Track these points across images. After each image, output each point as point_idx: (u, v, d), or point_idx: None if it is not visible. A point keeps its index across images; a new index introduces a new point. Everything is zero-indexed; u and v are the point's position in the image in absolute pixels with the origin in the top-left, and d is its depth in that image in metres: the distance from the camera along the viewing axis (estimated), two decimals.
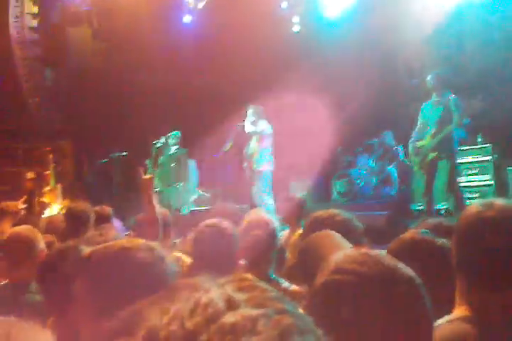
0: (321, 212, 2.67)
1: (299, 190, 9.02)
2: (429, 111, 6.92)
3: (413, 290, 1.13)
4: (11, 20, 11.19)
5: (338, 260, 1.18)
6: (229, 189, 9.82)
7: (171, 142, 9.38)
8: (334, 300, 1.12)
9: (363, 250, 1.23)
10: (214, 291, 0.55)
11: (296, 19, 11.00)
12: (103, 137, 10.58)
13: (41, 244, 3.16)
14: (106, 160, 10.02)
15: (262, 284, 0.59)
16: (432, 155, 6.75)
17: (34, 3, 11.56)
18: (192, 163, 9.72)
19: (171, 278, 1.31)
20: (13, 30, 11.18)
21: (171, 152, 9.41)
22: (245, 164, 8.50)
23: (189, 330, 0.51)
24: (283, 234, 4.48)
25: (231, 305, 0.53)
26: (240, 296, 0.55)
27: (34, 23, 11.52)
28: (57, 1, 11.52)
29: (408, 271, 1.16)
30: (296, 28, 11.02)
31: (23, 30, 11.37)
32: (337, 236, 2.14)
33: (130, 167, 9.80)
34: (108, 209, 4.85)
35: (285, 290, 2.77)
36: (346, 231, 2.30)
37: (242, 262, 2.67)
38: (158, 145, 9.25)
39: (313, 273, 1.21)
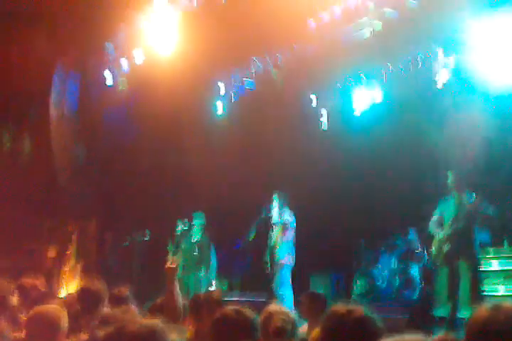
0: (339, 307, 2.59)
1: (319, 284, 8.87)
2: (447, 207, 6.86)
3: None
4: (52, 95, 11.69)
5: None
6: (246, 279, 9.70)
7: (195, 227, 9.38)
8: None
9: None
10: None
11: (324, 116, 11.28)
12: (128, 217, 10.70)
13: (65, 324, 3.14)
14: (128, 243, 10.07)
15: None
16: (447, 247, 6.60)
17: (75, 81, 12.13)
18: (212, 250, 9.67)
19: None
20: (52, 106, 11.64)
21: (195, 239, 9.39)
22: (267, 255, 8.45)
23: None
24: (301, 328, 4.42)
25: None
26: None
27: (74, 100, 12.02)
28: (97, 83, 12.09)
29: None
30: (324, 127, 11.27)
31: (63, 106, 11.84)
32: None
33: (152, 252, 9.87)
34: (126, 291, 4.81)
35: None
36: (363, 330, 2.22)
37: None
38: (181, 230, 9.29)
39: None
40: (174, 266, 3.24)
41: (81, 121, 11.99)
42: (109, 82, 11.42)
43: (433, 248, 6.91)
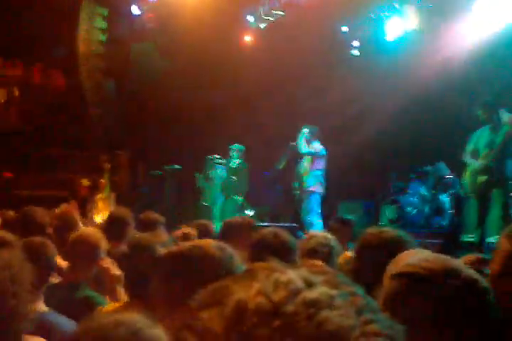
0: (372, 229, 2.62)
1: (348, 212, 8.95)
2: (481, 137, 6.74)
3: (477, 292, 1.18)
4: (81, 33, 11.68)
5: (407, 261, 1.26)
6: (276, 207, 9.83)
7: (234, 155, 9.46)
8: (406, 290, 1.19)
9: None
10: (291, 272, 0.59)
11: (356, 43, 11.04)
12: (160, 150, 10.85)
13: (104, 248, 3.25)
14: (161, 172, 10.24)
15: (332, 270, 0.65)
16: (482, 178, 6.51)
17: (103, 19, 12.04)
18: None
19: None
20: (81, 43, 11.65)
21: (235, 165, 9.48)
22: (296, 183, 8.51)
23: (276, 302, 0.56)
24: None
25: (309, 284, 0.58)
26: (314, 278, 0.59)
27: (102, 37, 11.99)
28: (125, 17, 11.94)
29: (474, 274, 1.21)
30: (355, 52, 11.05)
31: (91, 43, 11.85)
32: None
33: (184, 181, 10.06)
34: (154, 216, 4.86)
35: None
36: (397, 246, 2.24)
37: None
38: (213, 159, 9.39)
39: None
40: None
41: (110, 55, 11.95)
42: (136, 12, 11.27)
43: (466, 178, 6.81)
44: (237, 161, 9.50)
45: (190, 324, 0.59)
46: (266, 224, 7.43)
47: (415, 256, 1.28)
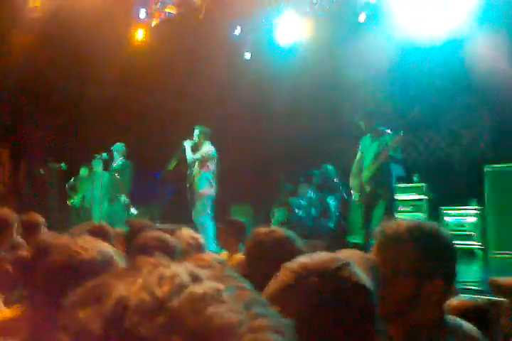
0: (261, 229, 2.65)
1: (240, 214, 9.03)
2: (366, 145, 7.08)
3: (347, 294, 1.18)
4: None
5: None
6: (167, 209, 9.71)
7: (116, 154, 9.21)
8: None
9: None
10: (176, 267, 0.57)
11: (248, 46, 11.16)
12: (43, 146, 10.30)
13: None
14: (44, 170, 9.73)
15: (219, 265, 0.64)
16: (368, 188, 6.89)
17: None
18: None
19: None
20: None
21: (116, 164, 9.24)
22: (188, 185, 8.45)
23: (159, 298, 0.52)
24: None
25: (195, 278, 0.55)
26: (201, 272, 0.57)
27: None
28: (9, 5, 11.21)
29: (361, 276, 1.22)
30: (247, 56, 11.17)
31: None
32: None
33: (67, 181, 9.64)
34: (36, 217, 4.67)
35: None
36: (287, 248, 2.30)
37: None
38: (97, 158, 9.09)
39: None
40: None
41: None
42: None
43: (353, 187, 7.13)
44: (118, 160, 9.28)
45: (65, 325, 0.54)
46: (157, 225, 7.29)
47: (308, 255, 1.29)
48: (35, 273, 1.65)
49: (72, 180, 9.55)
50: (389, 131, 6.99)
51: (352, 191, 7.25)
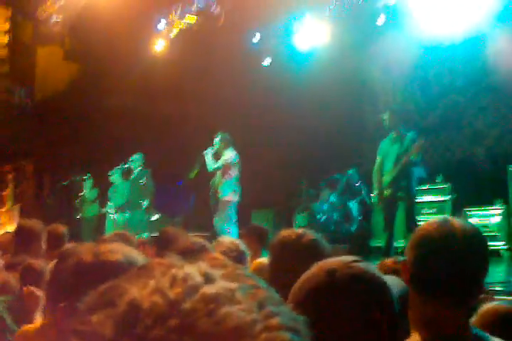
0: (288, 232, 2.65)
1: (261, 220, 9.02)
2: (386, 149, 6.98)
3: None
4: None
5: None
6: (190, 217, 9.76)
7: (134, 165, 9.32)
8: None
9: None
10: (189, 267, 0.56)
11: (267, 52, 11.18)
12: (66, 159, 10.47)
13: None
14: (67, 182, 9.88)
15: (233, 263, 0.61)
16: (388, 191, 6.78)
17: (5, 20, 11.52)
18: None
19: None
20: None
21: (135, 174, 9.35)
22: (211, 192, 8.47)
23: (172, 300, 0.52)
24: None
25: (208, 278, 0.55)
26: (214, 272, 0.56)
27: (4, 39, 11.45)
28: (30, 19, 11.48)
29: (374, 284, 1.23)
30: (266, 62, 11.19)
31: None
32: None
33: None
34: (62, 228, 4.76)
35: None
36: (314, 252, 2.28)
37: None
38: (119, 169, 9.22)
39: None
40: None
41: (16, 61, 11.43)
42: (41, 14, 10.83)
43: (374, 191, 7.07)
44: (138, 169, 9.38)
45: (77, 329, 0.53)
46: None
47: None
48: (60, 275, 1.65)
49: (84, 192, 9.64)
50: (408, 133, 6.89)
51: (373, 194, 7.18)
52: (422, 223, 5.71)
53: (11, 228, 7.83)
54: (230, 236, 7.58)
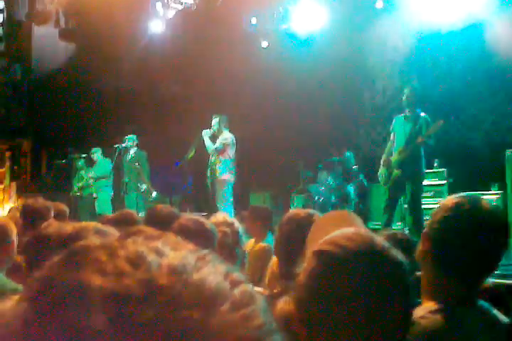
0: (298, 211, 2.68)
1: (258, 202, 9.04)
2: (399, 126, 6.88)
3: (398, 273, 1.16)
4: None
5: (337, 234, 1.22)
6: (187, 197, 9.76)
7: (128, 145, 9.32)
8: (320, 269, 1.17)
9: (361, 230, 1.27)
10: (133, 245, 0.53)
11: (264, 35, 11.14)
12: (64, 137, 10.40)
13: (14, 236, 3.07)
14: (64, 160, 9.83)
15: (155, 231, 0.59)
16: (397, 172, 6.71)
17: None
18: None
19: None
20: None
21: (131, 155, 9.34)
22: (208, 172, 8.48)
23: (144, 279, 0.49)
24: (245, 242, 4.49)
25: (159, 253, 0.52)
26: (161, 246, 0.54)
27: None
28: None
29: (398, 255, 1.18)
30: (264, 44, 11.15)
31: None
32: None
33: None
34: (62, 206, 4.76)
35: None
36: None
37: None
38: (119, 148, 9.19)
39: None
40: None
41: (12, 39, 11.29)
42: None
43: (381, 170, 6.97)
44: (133, 150, 9.37)
45: (59, 323, 0.47)
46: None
47: (338, 232, 1.24)
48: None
49: (79, 170, 9.65)
50: (423, 113, 6.84)
51: (379, 172, 7.04)
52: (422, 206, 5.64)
53: (8, 205, 7.81)
54: (225, 215, 7.64)
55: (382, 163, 7.01)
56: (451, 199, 1.74)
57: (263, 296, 0.53)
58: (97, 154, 9.68)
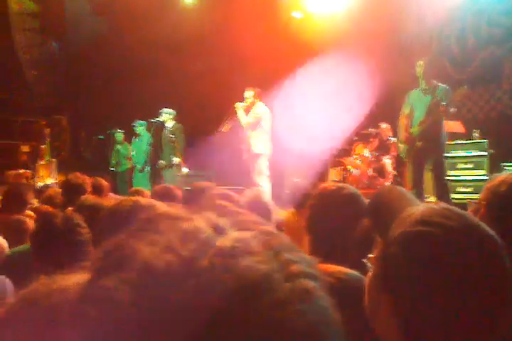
0: (328, 184, 2.66)
1: (295, 175, 9.02)
2: (416, 99, 6.72)
3: (496, 249, 1.05)
4: None
5: (423, 212, 1.09)
6: (224, 171, 9.79)
7: (166, 118, 9.38)
8: (414, 252, 1.05)
9: (444, 205, 1.15)
10: (197, 219, 0.52)
11: (298, 5, 10.94)
12: (101, 113, 10.53)
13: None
14: (103, 136, 9.98)
15: (240, 209, 0.57)
16: (419, 144, 6.59)
17: None
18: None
19: None
20: (11, 2, 11.01)
21: (168, 129, 9.42)
22: (243, 146, 8.48)
23: (186, 258, 0.48)
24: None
25: (218, 230, 0.51)
26: (223, 221, 0.53)
27: None
28: None
29: (489, 229, 1.08)
30: (298, 14, 10.95)
31: (22, 1, 11.22)
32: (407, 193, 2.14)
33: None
34: (103, 182, 4.85)
35: None
36: (354, 205, 2.26)
37: None
38: (156, 122, 9.28)
39: (387, 225, 1.12)
40: None
41: (46, 16, 11.34)
42: None
43: (401, 144, 6.88)
44: (171, 123, 9.40)
45: (89, 294, 0.49)
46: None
47: (415, 209, 1.11)
48: None
49: (116, 145, 9.78)
50: (440, 84, 6.69)
51: (399, 146, 6.98)
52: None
53: (50, 181, 8.00)
54: (265, 191, 7.66)
55: (400, 139, 6.88)
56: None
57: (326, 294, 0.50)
58: (141, 127, 9.74)
